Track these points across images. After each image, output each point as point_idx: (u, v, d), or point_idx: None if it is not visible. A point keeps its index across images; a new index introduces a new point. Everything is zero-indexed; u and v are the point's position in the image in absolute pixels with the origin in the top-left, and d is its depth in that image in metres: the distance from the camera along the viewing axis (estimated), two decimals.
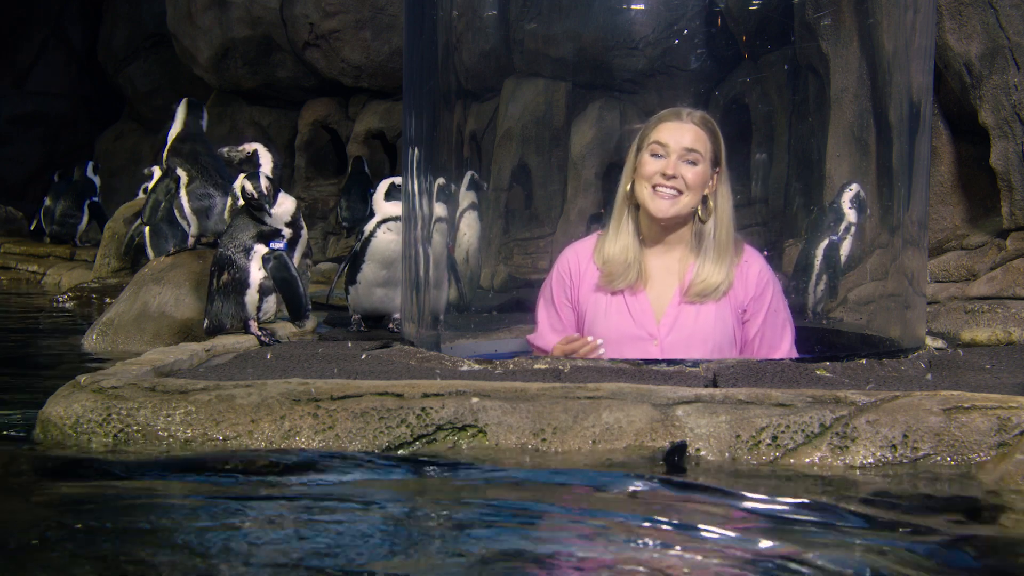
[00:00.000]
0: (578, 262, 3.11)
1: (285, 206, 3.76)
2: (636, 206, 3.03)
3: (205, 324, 3.68)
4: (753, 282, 3.01)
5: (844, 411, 2.24)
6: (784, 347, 3.07)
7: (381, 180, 4.34)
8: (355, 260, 4.16)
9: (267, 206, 3.65)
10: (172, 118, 5.02)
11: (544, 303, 3.18)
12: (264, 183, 3.63)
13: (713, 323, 2.97)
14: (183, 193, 4.81)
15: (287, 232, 3.73)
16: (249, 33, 9.88)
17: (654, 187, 2.93)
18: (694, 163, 2.92)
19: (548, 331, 3.15)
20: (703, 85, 5.01)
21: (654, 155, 2.95)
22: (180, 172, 4.84)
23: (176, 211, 4.99)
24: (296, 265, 3.76)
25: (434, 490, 2.04)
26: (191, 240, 4.88)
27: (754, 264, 3.04)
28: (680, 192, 2.92)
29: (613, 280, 3.01)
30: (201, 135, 5.01)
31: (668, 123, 2.97)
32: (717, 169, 2.99)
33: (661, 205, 2.93)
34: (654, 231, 3.02)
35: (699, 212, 2.99)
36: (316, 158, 10.46)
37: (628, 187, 3.02)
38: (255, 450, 2.29)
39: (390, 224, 4.07)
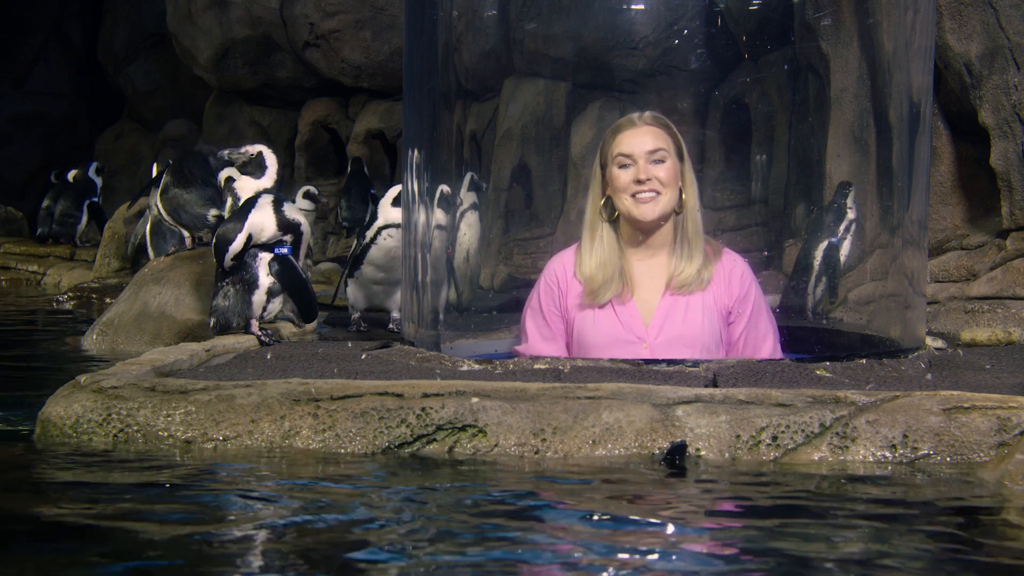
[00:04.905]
0: (564, 270, 3.13)
1: (266, 228, 3.61)
2: (613, 220, 3.08)
3: (212, 322, 3.67)
4: (737, 284, 3.06)
5: (844, 411, 2.24)
6: (767, 347, 3.09)
7: (380, 180, 4.33)
8: (355, 264, 4.17)
9: (223, 255, 3.57)
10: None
11: (532, 313, 3.19)
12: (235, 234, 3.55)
13: (700, 325, 3.01)
14: (158, 200, 4.87)
15: (287, 238, 3.72)
16: (249, 33, 9.87)
17: (632, 195, 2.98)
18: (662, 161, 2.99)
19: (539, 340, 3.16)
20: (703, 85, 5.01)
21: (622, 166, 3.01)
22: (164, 178, 4.94)
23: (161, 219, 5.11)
24: (300, 265, 3.76)
25: (433, 489, 2.04)
26: (188, 241, 4.88)
27: (737, 266, 3.09)
28: (658, 192, 2.98)
29: (597, 295, 3.04)
30: (202, 156, 5.06)
31: (625, 132, 3.03)
32: (681, 162, 3.04)
33: (644, 210, 2.99)
34: (638, 237, 3.07)
35: (675, 206, 3.04)
36: (316, 158, 10.44)
37: (602, 203, 3.07)
38: (255, 450, 2.29)
39: (391, 231, 4.07)
